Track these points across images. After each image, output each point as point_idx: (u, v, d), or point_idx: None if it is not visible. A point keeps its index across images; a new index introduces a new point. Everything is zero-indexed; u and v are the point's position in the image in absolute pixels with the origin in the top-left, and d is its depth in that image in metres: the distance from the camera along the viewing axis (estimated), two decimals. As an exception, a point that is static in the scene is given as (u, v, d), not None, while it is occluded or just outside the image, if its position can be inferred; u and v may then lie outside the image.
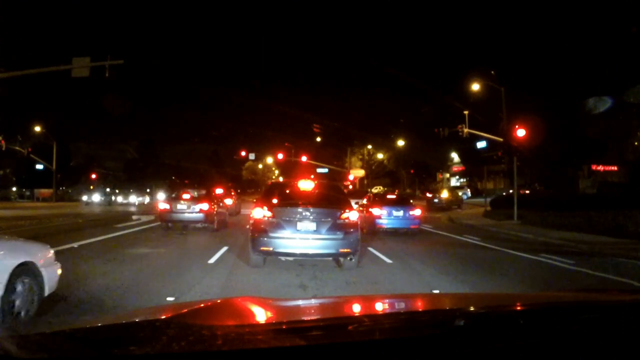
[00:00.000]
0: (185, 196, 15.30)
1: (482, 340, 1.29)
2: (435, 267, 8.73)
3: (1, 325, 3.76)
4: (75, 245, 10.43)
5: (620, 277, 8.16)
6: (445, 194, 34.76)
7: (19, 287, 4.32)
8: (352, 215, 8.01)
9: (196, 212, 14.62)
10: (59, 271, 5.06)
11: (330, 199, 8.57)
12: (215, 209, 15.34)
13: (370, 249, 10.96)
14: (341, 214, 7.90)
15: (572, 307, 1.82)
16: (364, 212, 15.48)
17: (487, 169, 34.41)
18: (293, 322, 1.55)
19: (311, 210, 7.86)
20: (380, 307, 2.06)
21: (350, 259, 7.96)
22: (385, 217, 14.91)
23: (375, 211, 14.97)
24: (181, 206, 14.78)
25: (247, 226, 9.10)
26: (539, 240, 14.13)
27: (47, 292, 4.79)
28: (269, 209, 7.91)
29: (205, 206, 14.71)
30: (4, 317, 4.12)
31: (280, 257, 8.35)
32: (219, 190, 21.18)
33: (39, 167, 44.81)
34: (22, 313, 4.38)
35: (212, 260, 8.80)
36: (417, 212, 15.36)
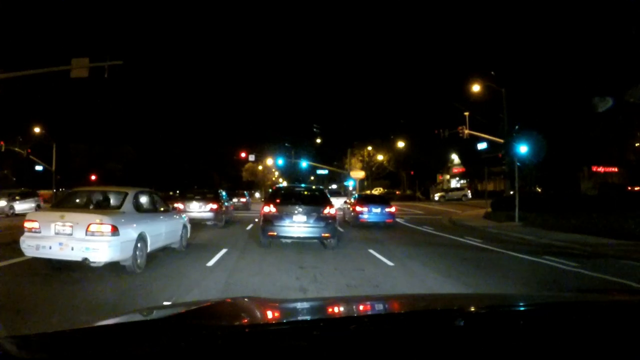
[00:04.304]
0: (197, 196, 17.43)
1: (482, 340, 1.29)
2: (437, 270, 8.67)
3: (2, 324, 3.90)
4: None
5: (622, 278, 8.14)
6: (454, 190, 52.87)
7: (183, 232, 10.29)
8: (331, 210, 11.19)
9: (207, 211, 16.60)
10: (189, 226, 10.95)
11: (317, 199, 11.70)
12: (223, 208, 17.31)
13: (371, 250, 10.97)
14: (324, 209, 11.06)
15: (572, 307, 1.81)
16: (351, 209, 19.25)
17: (488, 170, 34.24)
18: (293, 322, 1.55)
19: (303, 207, 11.04)
20: (380, 307, 2.06)
21: (329, 241, 10.99)
22: (366, 213, 18.15)
23: (359, 208, 18.33)
24: (193, 205, 16.76)
25: (256, 219, 12.11)
26: (541, 242, 14.10)
27: (188, 235, 10.83)
28: (274, 206, 11.12)
29: (214, 205, 16.77)
30: (181, 241, 10.12)
31: (281, 255, 9.27)
32: (225, 191, 22.92)
33: (39, 168, 44.65)
34: (184, 242, 10.28)
35: (211, 262, 8.82)
36: (392, 209, 18.66)
